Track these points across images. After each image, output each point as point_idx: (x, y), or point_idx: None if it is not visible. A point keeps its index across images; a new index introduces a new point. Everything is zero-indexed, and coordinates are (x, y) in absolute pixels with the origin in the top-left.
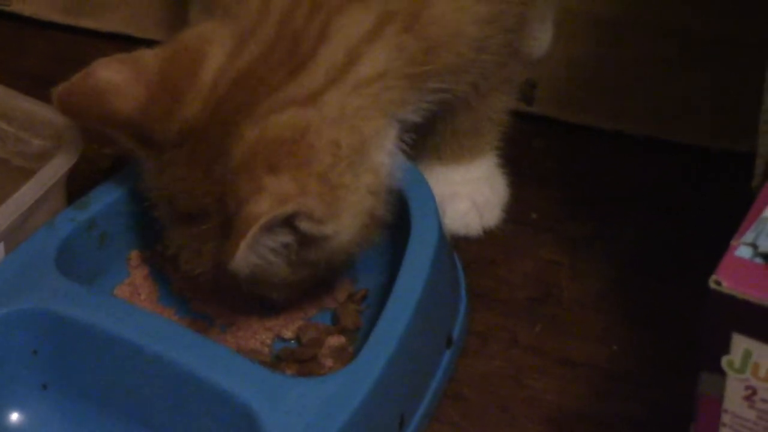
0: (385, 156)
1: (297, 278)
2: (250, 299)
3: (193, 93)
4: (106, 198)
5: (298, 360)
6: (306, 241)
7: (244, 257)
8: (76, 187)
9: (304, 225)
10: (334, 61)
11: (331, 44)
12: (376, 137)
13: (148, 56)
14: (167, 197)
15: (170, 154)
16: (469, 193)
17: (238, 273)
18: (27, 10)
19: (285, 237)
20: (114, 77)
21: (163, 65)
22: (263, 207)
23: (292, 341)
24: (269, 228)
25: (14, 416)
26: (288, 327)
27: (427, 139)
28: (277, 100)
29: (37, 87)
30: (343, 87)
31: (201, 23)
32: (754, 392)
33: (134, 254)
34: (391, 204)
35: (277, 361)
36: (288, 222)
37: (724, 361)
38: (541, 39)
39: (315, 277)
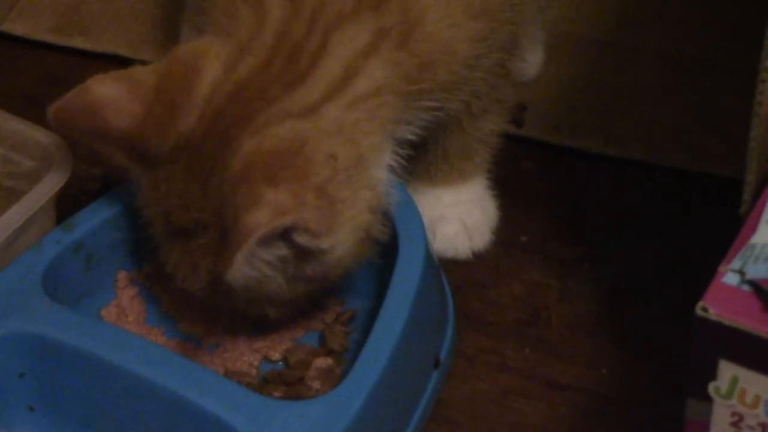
0: (383, 172)
1: (292, 295)
2: (242, 319)
3: (189, 106)
4: (92, 219)
5: (286, 382)
6: (302, 255)
7: (240, 269)
8: (65, 208)
9: (300, 239)
10: (332, 75)
11: (330, 59)
12: (374, 152)
13: (143, 72)
14: (163, 213)
15: (166, 169)
16: (459, 216)
17: (234, 285)
18: (18, 29)
19: (281, 250)
20: (109, 93)
21: (158, 80)
22: (261, 219)
23: (280, 363)
24: (266, 240)
25: None
26: (275, 349)
27: (418, 160)
28: (275, 113)
29: (28, 107)
30: (340, 101)
31: (195, 39)
32: (741, 418)
33: (121, 275)
34: (385, 222)
35: (264, 383)
36: (284, 235)
37: (711, 387)
38: (531, 61)
39: (309, 295)
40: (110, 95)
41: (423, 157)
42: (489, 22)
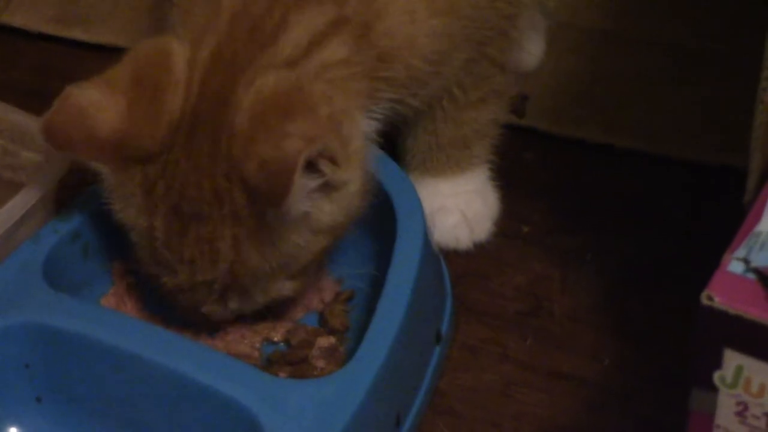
0: (363, 133)
1: (314, 250)
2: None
3: (172, 86)
4: (88, 208)
5: (290, 362)
6: (326, 189)
7: (294, 196)
8: (65, 199)
9: (326, 168)
10: (299, 42)
11: (292, 31)
12: (356, 109)
13: (113, 71)
14: (166, 209)
15: (162, 160)
16: (459, 206)
17: (290, 213)
18: (17, 21)
19: (314, 181)
20: (91, 97)
21: (132, 72)
22: (298, 145)
23: (281, 344)
24: (305, 167)
25: (12, 430)
26: (276, 330)
27: (414, 151)
28: (260, 66)
29: (26, 99)
30: (310, 65)
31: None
32: (746, 408)
33: (118, 264)
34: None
35: (268, 365)
36: (312, 166)
37: (716, 376)
38: (532, 51)
39: (323, 260)
40: (92, 99)
41: (419, 148)
42: (455, 20)
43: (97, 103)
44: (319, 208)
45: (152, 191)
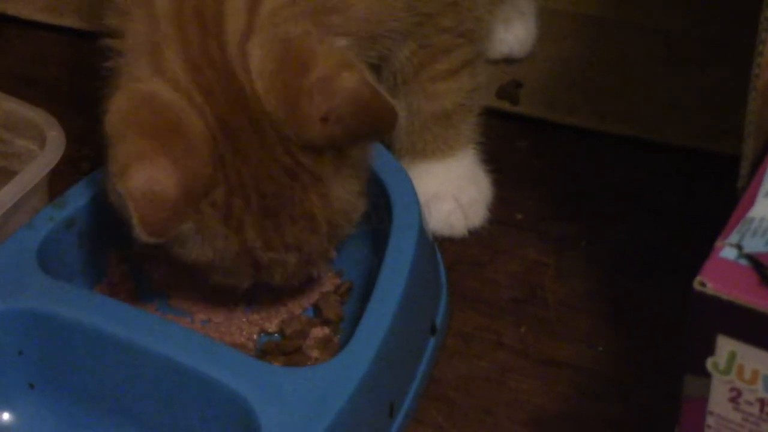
0: None
1: (360, 213)
2: (237, 294)
3: (182, 114)
4: (83, 196)
5: (284, 352)
6: None
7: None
8: (58, 187)
9: None
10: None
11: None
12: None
13: (126, 144)
14: (253, 217)
15: (223, 177)
16: (454, 193)
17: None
18: (9, 9)
19: None
20: (145, 177)
21: (141, 132)
22: (353, 76)
23: (276, 335)
24: None
25: (5, 416)
26: (271, 321)
27: (401, 134)
28: (242, 35)
29: (21, 87)
30: (264, 17)
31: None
32: (739, 394)
33: (112, 252)
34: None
35: (262, 355)
36: None
37: (709, 362)
38: (522, 37)
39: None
40: (148, 177)
41: (404, 129)
42: None
43: (153, 180)
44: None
45: (230, 212)
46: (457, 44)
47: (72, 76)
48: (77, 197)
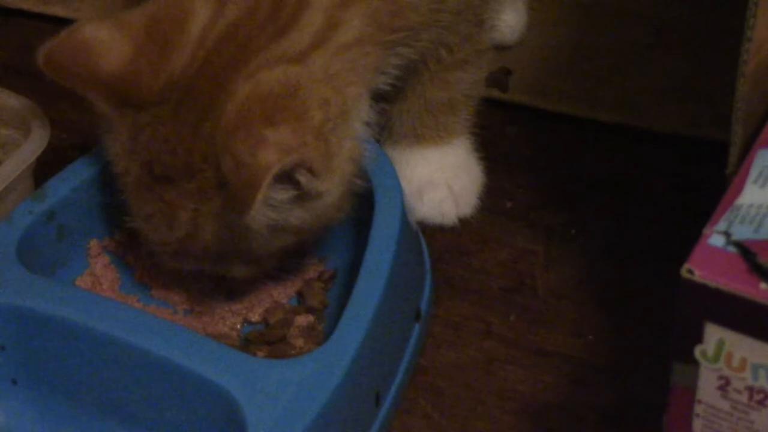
0: (361, 126)
1: (273, 247)
2: (218, 283)
3: (181, 45)
4: (63, 188)
5: (268, 342)
6: (299, 198)
7: (260, 209)
8: (43, 177)
9: (303, 179)
10: (316, 25)
11: (311, 9)
12: (356, 103)
13: (131, 14)
14: (143, 162)
15: (152, 113)
16: (446, 180)
17: (253, 227)
18: None
19: (288, 192)
20: (99, 34)
21: (148, 21)
22: (271, 157)
23: (260, 324)
24: (277, 179)
25: None
26: (254, 310)
27: (406, 116)
28: (266, 58)
29: (6, 76)
30: (326, 50)
31: None
32: (728, 382)
33: (93, 243)
34: (361, 176)
35: (246, 344)
36: (287, 176)
37: (697, 350)
38: (513, 23)
39: (280, 255)
40: (100, 36)
41: (409, 112)
42: None
43: (104, 41)
44: (287, 213)
45: (136, 139)
46: (473, 33)
47: None
48: (57, 189)
